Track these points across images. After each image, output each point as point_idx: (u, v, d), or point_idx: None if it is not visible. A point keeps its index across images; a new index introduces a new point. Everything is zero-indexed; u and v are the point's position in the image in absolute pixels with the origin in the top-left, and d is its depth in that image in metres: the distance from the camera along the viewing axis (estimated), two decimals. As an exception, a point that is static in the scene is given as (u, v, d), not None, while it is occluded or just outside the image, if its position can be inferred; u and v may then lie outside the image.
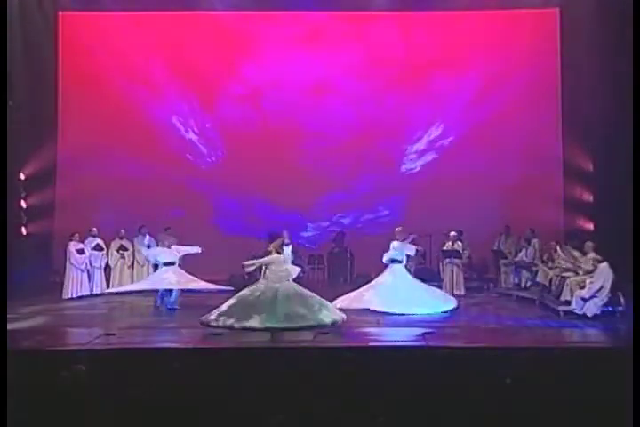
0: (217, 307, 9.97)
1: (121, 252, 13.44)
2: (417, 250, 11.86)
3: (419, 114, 14.92)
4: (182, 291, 11.69)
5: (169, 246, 11.87)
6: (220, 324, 9.67)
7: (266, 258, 10.05)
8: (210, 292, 11.66)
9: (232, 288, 11.37)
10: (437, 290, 11.88)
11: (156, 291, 11.63)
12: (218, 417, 5.34)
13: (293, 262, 11.41)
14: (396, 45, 14.87)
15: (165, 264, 11.67)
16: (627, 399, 5.47)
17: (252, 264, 10.08)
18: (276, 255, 10.02)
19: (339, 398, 5.55)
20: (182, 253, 11.94)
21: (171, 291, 11.56)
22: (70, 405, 5.37)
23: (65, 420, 5.24)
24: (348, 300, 11.11)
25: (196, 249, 11.98)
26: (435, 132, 14.94)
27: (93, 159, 14.35)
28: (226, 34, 14.84)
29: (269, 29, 14.88)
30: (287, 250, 11.37)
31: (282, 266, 9.93)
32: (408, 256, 11.63)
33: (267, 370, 6.41)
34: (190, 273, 12.18)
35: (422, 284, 11.57)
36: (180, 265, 13.27)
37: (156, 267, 12.26)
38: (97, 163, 14.35)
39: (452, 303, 11.36)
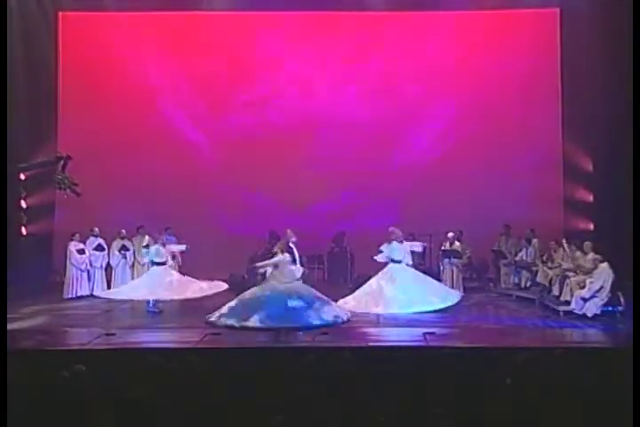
0: (218, 307, 10.01)
1: (122, 252, 13.44)
2: (423, 247, 11.88)
3: (418, 114, 14.91)
4: None
5: (163, 245, 11.88)
6: (221, 323, 9.72)
7: (274, 259, 10.12)
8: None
9: (227, 287, 11.38)
10: (439, 286, 11.84)
11: None
12: (217, 417, 5.34)
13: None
14: (396, 46, 14.87)
15: (156, 264, 11.67)
16: (627, 399, 5.47)
17: (264, 265, 10.13)
18: (282, 256, 10.07)
19: (339, 398, 5.54)
20: (171, 251, 11.99)
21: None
22: (70, 405, 5.36)
23: (65, 420, 5.24)
24: (347, 304, 11.11)
25: (182, 247, 12.01)
26: (435, 131, 14.93)
27: (93, 159, 14.34)
28: (227, 34, 14.83)
29: (270, 30, 14.88)
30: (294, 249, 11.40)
31: (287, 267, 9.98)
32: (412, 253, 11.65)
33: (267, 370, 6.40)
34: (190, 273, 12.22)
35: (423, 279, 11.54)
36: (180, 265, 13.32)
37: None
38: (97, 163, 14.34)
39: (454, 298, 11.33)
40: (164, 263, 11.75)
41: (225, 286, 11.53)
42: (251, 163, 14.72)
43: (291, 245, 11.31)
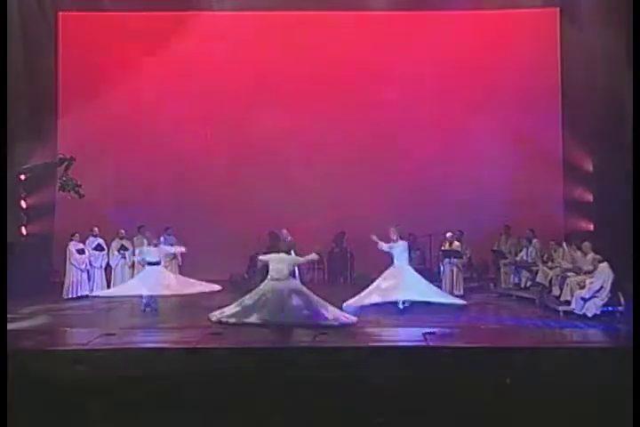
0: (218, 306, 10.04)
1: (122, 252, 13.44)
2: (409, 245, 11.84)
3: (418, 114, 14.90)
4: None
5: (155, 245, 11.83)
6: (223, 322, 9.77)
7: (267, 256, 10.16)
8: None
9: (219, 288, 11.39)
10: (441, 291, 11.88)
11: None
12: (217, 417, 5.35)
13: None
14: (396, 46, 14.85)
15: (150, 264, 11.65)
16: (627, 399, 5.47)
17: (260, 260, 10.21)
18: (274, 255, 10.10)
19: (339, 397, 5.55)
20: (166, 253, 11.99)
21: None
22: (70, 405, 5.37)
23: (65, 420, 5.25)
24: (359, 299, 11.10)
25: (180, 249, 12.00)
26: (434, 132, 14.92)
27: (93, 159, 14.32)
28: (227, 34, 14.83)
29: (270, 29, 14.89)
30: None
31: (280, 264, 10.02)
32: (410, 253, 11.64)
33: (267, 370, 6.41)
34: (190, 273, 12.22)
35: (425, 281, 11.54)
36: (180, 266, 13.33)
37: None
38: (97, 163, 14.32)
39: (456, 300, 11.35)
40: (157, 263, 11.71)
41: (218, 287, 11.53)
42: (251, 163, 14.71)
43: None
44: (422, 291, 11.04)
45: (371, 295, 10.98)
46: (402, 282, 11.04)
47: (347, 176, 14.89)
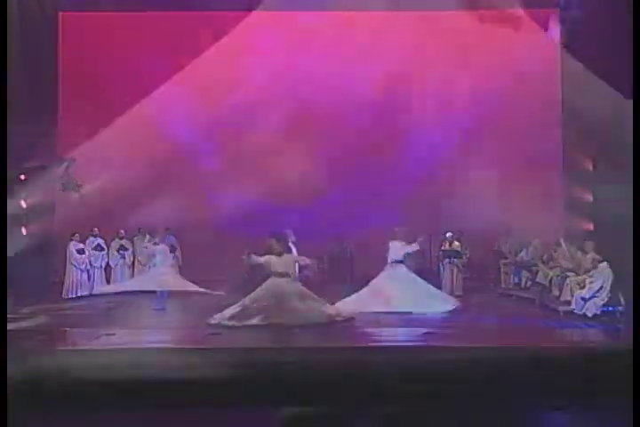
0: (219, 307, 10.06)
1: (121, 252, 13.47)
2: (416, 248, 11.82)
3: (418, 114, 14.89)
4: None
5: (156, 244, 11.87)
6: (223, 325, 9.78)
7: (263, 258, 10.16)
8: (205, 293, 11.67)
9: (222, 293, 11.45)
10: (438, 291, 11.88)
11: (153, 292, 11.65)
12: (217, 417, 5.36)
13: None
14: (396, 46, 14.84)
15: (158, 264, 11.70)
16: (627, 399, 5.48)
17: (255, 260, 10.17)
18: (268, 257, 10.13)
19: (338, 397, 5.55)
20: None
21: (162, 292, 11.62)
22: (70, 405, 5.37)
23: (65, 420, 5.25)
24: (348, 304, 11.09)
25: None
26: (435, 132, 14.91)
27: (93, 159, 14.35)
28: (226, 34, 14.82)
29: (269, 29, 14.89)
30: (293, 249, 11.40)
31: (277, 266, 10.04)
32: (408, 254, 11.62)
33: (266, 370, 6.41)
34: (190, 273, 12.24)
35: (422, 283, 11.54)
36: (180, 266, 13.35)
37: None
38: (96, 163, 14.35)
39: (451, 305, 11.37)
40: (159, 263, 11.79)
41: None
42: (251, 163, 14.71)
43: (290, 245, 11.31)
44: (425, 303, 11.05)
45: (376, 302, 10.97)
46: (410, 293, 11.03)
47: (347, 176, 14.89)
